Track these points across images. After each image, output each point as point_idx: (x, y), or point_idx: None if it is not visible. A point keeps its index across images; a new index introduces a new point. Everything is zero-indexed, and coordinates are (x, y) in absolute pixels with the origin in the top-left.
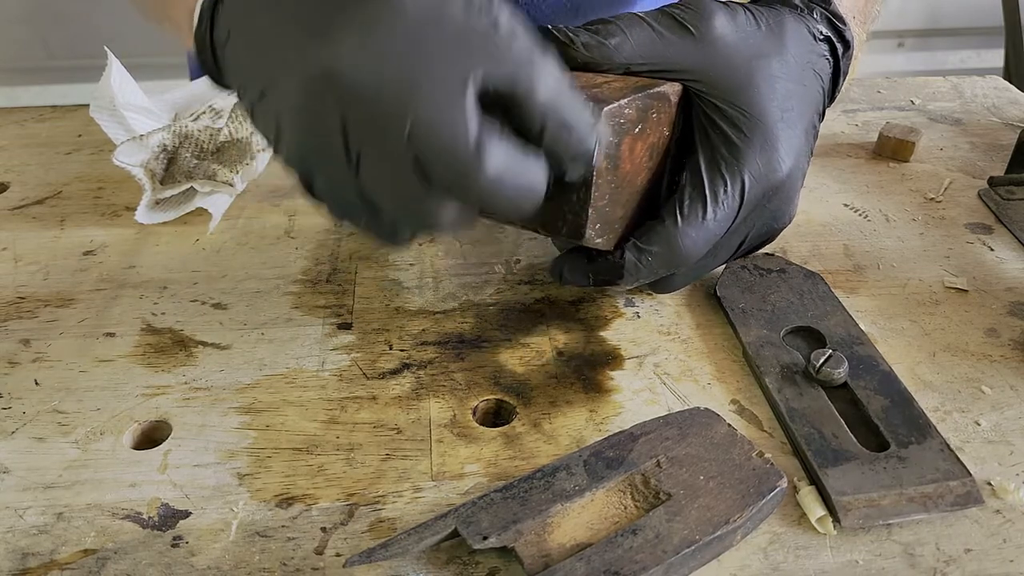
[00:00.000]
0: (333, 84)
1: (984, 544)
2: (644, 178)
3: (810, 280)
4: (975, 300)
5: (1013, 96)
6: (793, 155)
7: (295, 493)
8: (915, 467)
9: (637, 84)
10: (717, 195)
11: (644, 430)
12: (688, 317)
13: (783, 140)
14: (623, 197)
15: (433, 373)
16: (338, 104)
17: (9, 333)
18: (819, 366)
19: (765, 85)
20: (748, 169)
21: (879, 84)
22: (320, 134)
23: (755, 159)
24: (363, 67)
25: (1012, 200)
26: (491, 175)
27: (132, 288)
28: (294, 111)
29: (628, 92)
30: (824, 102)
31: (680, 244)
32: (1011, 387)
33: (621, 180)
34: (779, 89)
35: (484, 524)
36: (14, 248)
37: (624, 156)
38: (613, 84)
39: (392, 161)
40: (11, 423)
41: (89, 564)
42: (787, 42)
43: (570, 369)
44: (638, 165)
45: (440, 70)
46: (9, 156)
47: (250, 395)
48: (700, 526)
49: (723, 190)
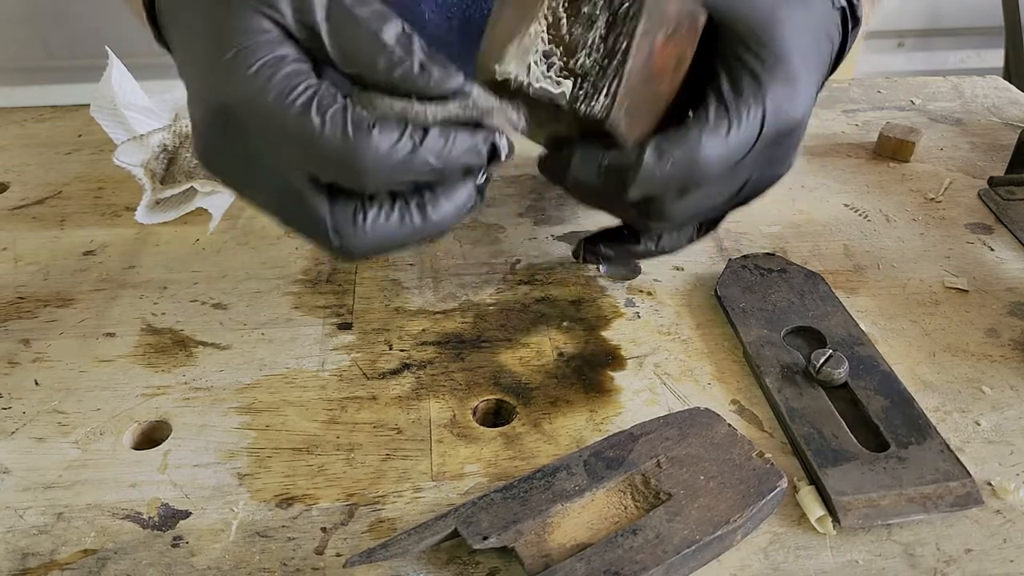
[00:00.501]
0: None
1: (984, 544)
2: (666, 87)
3: (810, 280)
4: (975, 300)
5: (1013, 96)
6: (808, 102)
7: (295, 493)
8: (915, 467)
9: None
10: (741, 115)
11: (644, 430)
12: (688, 317)
13: (802, 83)
14: (650, 91)
15: (433, 373)
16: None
17: (9, 333)
18: (819, 366)
19: (789, 30)
20: (771, 99)
21: (879, 84)
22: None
23: (778, 91)
24: (212, 150)
25: (1012, 200)
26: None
27: (132, 288)
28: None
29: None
30: (828, 71)
31: (701, 153)
32: (1011, 387)
33: (650, 72)
34: (801, 39)
35: (484, 524)
36: (14, 248)
37: (658, 49)
38: None
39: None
40: (11, 423)
41: (89, 564)
42: None
43: (570, 369)
44: (664, 67)
45: (270, 171)
46: (9, 156)
47: (250, 395)
48: (700, 526)
49: (746, 112)
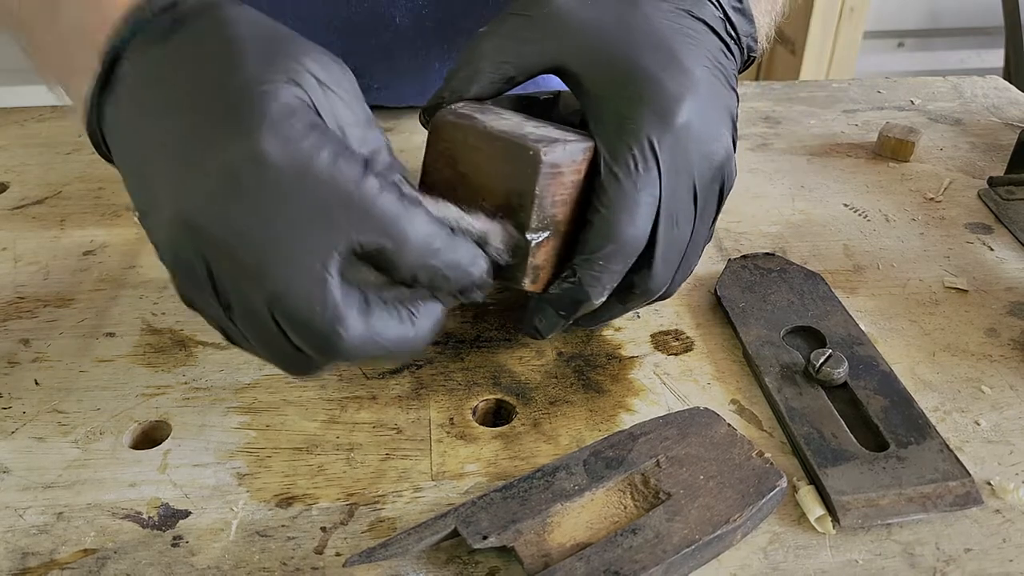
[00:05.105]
0: (194, 234)
1: (984, 544)
2: (568, 214)
3: (810, 280)
4: (975, 300)
5: (1013, 96)
6: (689, 87)
7: (295, 493)
8: (914, 467)
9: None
10: (628, 164)
11: (644, 430)
12: (688, 317)
13: (668, 81)
14: (555, 243)
15: (433, 373)
16: (202, 254)
17: (9, 333)
18: (819, 366)
19: (623, 37)
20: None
21: (879, 84)
22: (191, 275)
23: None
24: (222, 222)
25: (1012, 200)
26: (352, 345)
27: (132, 288)
28: (166, 246)
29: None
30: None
31: (620, 231)
32: (1011, 387)
33: (554, 231)
34: (644, 35)
35: (484, 524)
36: (14, 248)
37: (559, 213)
38: None
39: (257, 318)
40: (11, 423)
41: (89, 564)
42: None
43: (570, 369)
44: (565, 214)
45: (301, 238)
46: (9, 156)
47: (250, 395)
48: (700, 526)
49: (631, 158)
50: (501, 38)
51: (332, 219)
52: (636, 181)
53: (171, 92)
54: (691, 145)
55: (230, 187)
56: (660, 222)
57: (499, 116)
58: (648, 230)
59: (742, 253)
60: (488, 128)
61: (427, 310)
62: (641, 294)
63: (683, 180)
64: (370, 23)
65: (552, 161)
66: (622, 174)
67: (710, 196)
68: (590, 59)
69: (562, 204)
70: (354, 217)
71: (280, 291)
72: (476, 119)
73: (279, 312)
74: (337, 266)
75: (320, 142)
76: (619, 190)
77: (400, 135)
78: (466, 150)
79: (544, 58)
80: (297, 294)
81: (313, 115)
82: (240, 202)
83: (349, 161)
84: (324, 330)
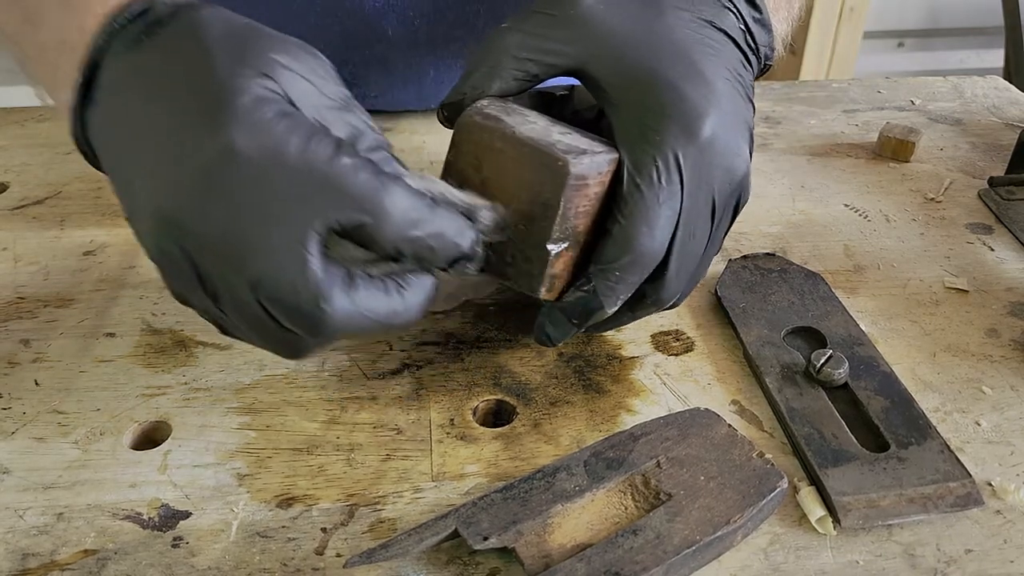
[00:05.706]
0: (174, 230)
1: (985, 544)
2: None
3: (811, 280)
4: (975, 300)
5: (1013, 96)
6: (713, 101)
7: (295, 493)
8: (915, 468)
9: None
10: (652, 177)
11: (644, 430)
12: (688, 317)
13: (691, 93)
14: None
15: (433, 373)
16: (184, 248)
17: (9, 333)
18: (819, 366)
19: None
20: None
21: (879, 84)
22: (177, 270)
23: (668, 124)
24: (200, 215)
25: (1012, 200)
26: (338, 319)
27: (132, 288)
28: (150, 244)
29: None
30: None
31: (639, 243)
32: (1011, 387)
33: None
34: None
35: (484, 524)
36: (14, 248)
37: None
38: None
39: (244, 304)
40: (11, 423)
41: (89, 564)
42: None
43: (570, 369)
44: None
45: (280, 221)
46: (9, 156)
47: (250, 395)
48: (700, 526)
49: (655, 170)
50: (524, 35)
51: (307, 200)
52: (659, 194)
53: (147, 96)
54: (714, 160)
55: (204, 182)
56: (677, 235)
57: (525, 119)
58: (666, 243)
59: (742, 253)
60: (516, 133)
61: (417, 283)
62: (652, 304)
63: (703, 194)
64: (363, 35)
65: (579, 173)
66: (645, 186)
67: (727, 209)
68: (614, 65)
69: (584, 215)
70: (329, 196)
71: (261, 274)
72: (503, 121)
73: (263, 295)
74: (317, 245)
75: (290, 128)
76: (641, 202)
77: (400, 135)
78: (491, 153)
79: (567, 60)
80: (278, 275)
81: (284, 104)
82: (215, 195)
83: (321, 143)
84: (308, 307)
